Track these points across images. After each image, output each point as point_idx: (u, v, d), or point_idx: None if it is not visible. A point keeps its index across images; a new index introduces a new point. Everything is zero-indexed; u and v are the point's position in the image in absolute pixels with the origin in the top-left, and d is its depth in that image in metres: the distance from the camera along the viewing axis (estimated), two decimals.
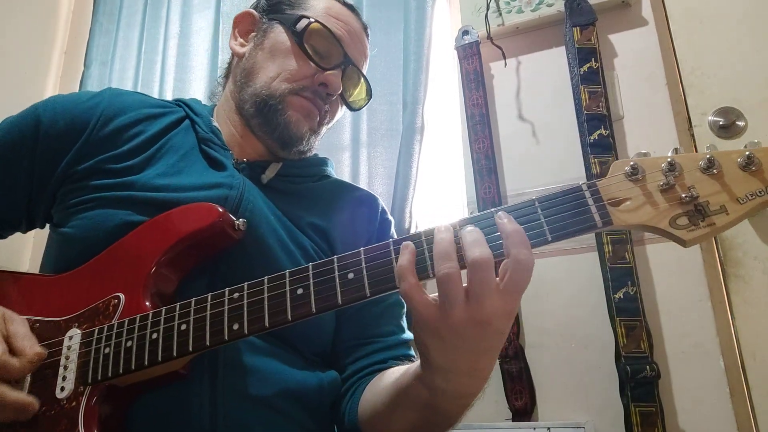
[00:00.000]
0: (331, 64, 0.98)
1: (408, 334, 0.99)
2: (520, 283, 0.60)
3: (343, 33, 1.00)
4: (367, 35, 1.08)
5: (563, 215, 0.63)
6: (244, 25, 1.06)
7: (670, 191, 0.62)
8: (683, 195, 0.61)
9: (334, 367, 0.96)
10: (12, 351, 0.73)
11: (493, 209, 0.65)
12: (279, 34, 1.00)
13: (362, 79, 1.06)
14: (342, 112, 1.09)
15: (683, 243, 0.61)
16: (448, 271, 0.60)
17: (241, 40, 1.06)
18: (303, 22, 0.97)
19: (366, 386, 0.89)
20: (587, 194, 0.63)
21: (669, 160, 0.62)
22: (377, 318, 0.97)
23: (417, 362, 0.73)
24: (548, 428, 1.34)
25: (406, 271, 0.63)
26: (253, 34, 1.04)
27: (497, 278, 0.61)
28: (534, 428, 1.36)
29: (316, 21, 0.97)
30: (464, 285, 0.61)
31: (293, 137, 0.97)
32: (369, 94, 1.09)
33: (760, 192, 0.59)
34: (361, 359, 0.94)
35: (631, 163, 0.64)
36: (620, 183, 0.64)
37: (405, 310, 1.02)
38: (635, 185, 0.63)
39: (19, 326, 0.77)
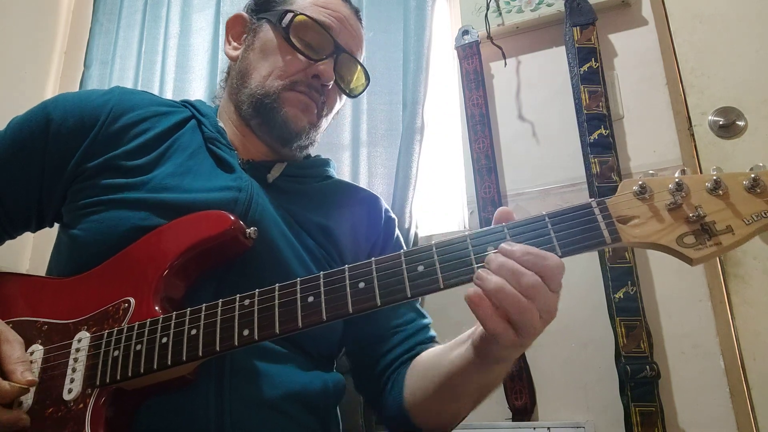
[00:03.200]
0: (321, 54, 0.98)
1: (427, 319, 1.01)
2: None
3: (331, 21, 1.00)
4: (360, 19, 1.08)
5: (573, 231, 0.64)
6: (235, 28, 1.07)
7: (678, 210, 0.63)
8: (690, 214, 0.62)
9: (360, 361, 0.99)
10: (3, 373, 0.73)
11: (503, 224, 0.67)
12: (267, 32, 1.01)
13: (358, 65, 1.06)
14: (342, 101, 1.09)
15: (690, 261, 0.62)
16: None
17: (235, 44, 1.07)
18: (288, 17, 0.98)
19: (404, 378, 0.91)
20: (597, 211, 0.65)
21: (676, 180, 0.64)
22: (396, 307, 0.98)
23: (461, 357, 0.77)
24: (548, 428, 1.35)
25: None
26: (245, 36, 1.05)
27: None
28: (534, 428, 1.36)
29: (301, 13, 0.98)
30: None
31: (292, 133, 0.97)
32: (367, 78, 1.08)
33: (765, 213, 0.61)
34: (392, 351, 0.96)
35: (640, 182, 0.65)
36: (629, 201, 0.65)
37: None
38: (643, 204, 0.65)
39: (14, 348, 0.76)
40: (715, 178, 0.63)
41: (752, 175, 0.62)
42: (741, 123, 1.38)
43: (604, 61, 1.56)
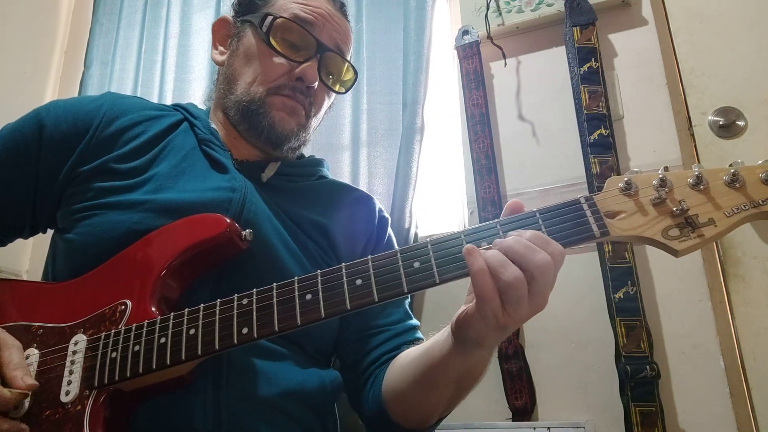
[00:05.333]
0: (303, 56, 0.98)
1: (415, 321, 1.02)
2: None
3: (312, 17, 0.99)
4: (345, 14, 1.07)
5: (563, 225, 0.67)
6: (221, 32, 1.07)
7: (662, 205, 0.67)
8: (674, 208, 0.65)
9: (345, 359, 0.99)
10: (4, 379, 0.73)
11: (496, 220, 0.68)
12: (250, 37, 1.00)
13: (344, 60, 1.05)
14: (332, 98, 1.08)
15: (675, 253, 0.65)
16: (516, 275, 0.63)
17: (221, 48, 1.07)
18: (268, 20, 0.97)
19: (384, 374, 0.91)
20: (585, 206, 0.68)
21: (660, 176, 0.67)
22: (384, 307, 0.98)
23: (440, 345, 0.76)
24: (548, 428, 1.35)
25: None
26: (230, 40, 1.05)
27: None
28: (534, 428, 1.36)
29: (280, 16, 0.97)
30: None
31: (280, 136, 0.98)
32: (355, 72, 1.08)
33: (744, 206, 0.64)
34: (375, 349, 0.96)
35: (625, 179, 0.68)
36: (615, 197, 0.69)
37: (410, 299, 1.05)
38: (629, 199, 0.68)
39: (13, 354, 0.75)
40: (696, 173, 0.66)
41: (732, 171, 0.65)
42: (741, 123, 1.38)
43: (604, 61, 1.56)
